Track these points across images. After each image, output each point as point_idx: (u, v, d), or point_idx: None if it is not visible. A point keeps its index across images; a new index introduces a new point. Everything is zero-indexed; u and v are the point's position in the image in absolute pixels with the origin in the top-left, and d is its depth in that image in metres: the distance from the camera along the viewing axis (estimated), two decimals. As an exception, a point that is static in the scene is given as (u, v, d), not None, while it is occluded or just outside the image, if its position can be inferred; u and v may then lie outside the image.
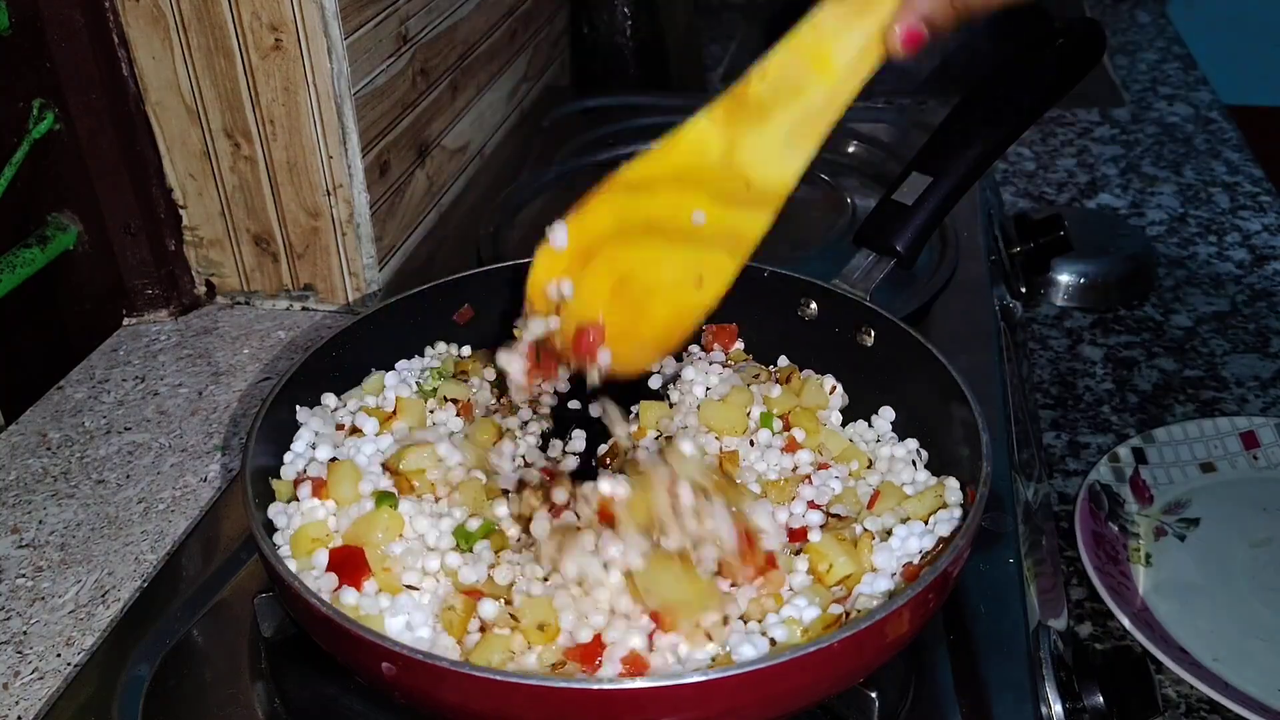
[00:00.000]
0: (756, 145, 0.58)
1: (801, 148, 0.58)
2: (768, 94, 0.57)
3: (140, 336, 0.96)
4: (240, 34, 0.86)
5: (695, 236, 0.60)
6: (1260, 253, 1.28)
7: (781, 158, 0.58)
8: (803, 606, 0.54)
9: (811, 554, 0.58)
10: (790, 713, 0.52)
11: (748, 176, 0.59)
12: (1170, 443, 0.98)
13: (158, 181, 0.94)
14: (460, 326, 0.77)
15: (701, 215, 0.59)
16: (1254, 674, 0.77)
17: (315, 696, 0.58)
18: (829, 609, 0.55)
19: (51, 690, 0.62)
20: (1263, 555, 0.87)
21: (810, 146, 0.58)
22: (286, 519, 0.60)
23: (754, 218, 0.59)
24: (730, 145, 0.58)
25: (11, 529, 0.74)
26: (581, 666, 0.51)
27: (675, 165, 0.60)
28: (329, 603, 0.51)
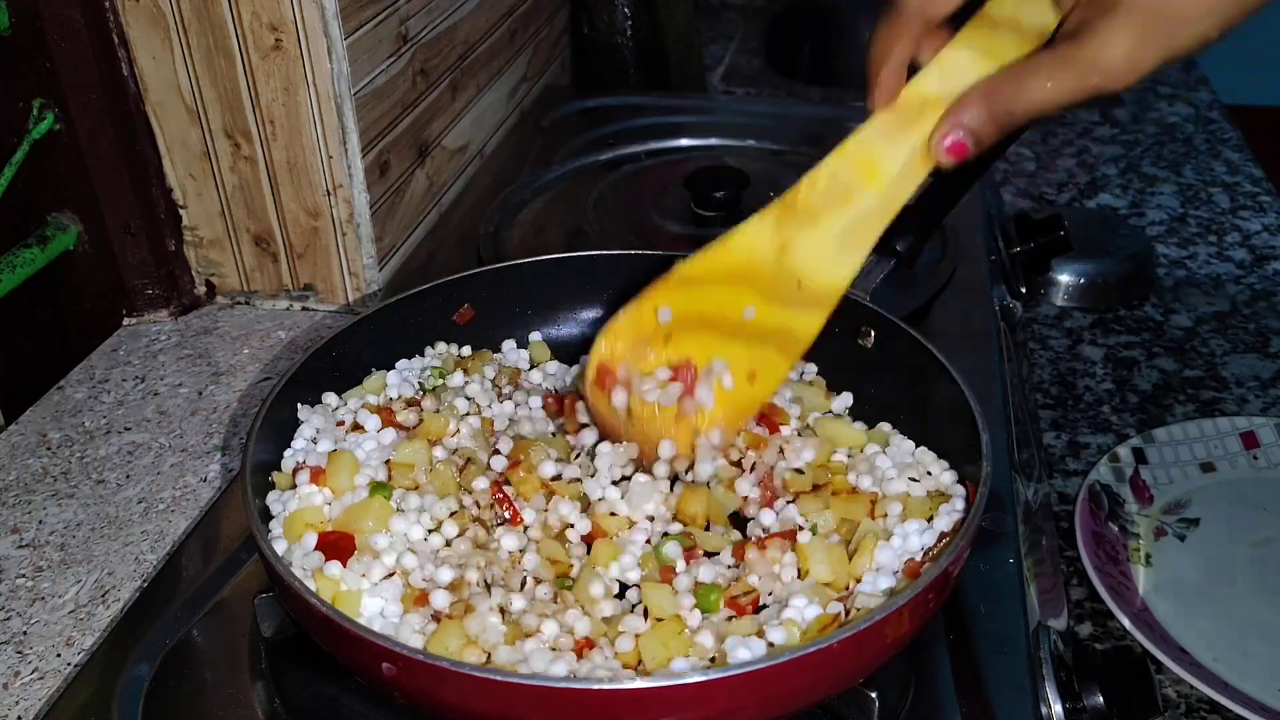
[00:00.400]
0: (808, 248, 0.60)
1: (854, 251, 0.59)
2: (818, 201, 0.59)
3: (140, 336, 0.96)
4: (240, 34, 0.86)
5: (747, 333, 0.61)
6: (1260, 253, 1.28)
7: (834, 260, 0.60)
8: (802, 606, 0.54)
9: (799, 554, 0.58)
10: (790, 713, 0.52)
11: (799, 277, 0.60)
12: (1170, 443, 0.98)
13: (158, 181, 0.94)
14: (460, 326, 0.77)
15: (752, 311, 0.61)
16: (1254, 674, 0.77)
17: (315, 696, 0.58)
18: (829, 607, 0.55)
19: (51, 690, 0.62)
20: (1263, 555, 0.87)
21: (862, 250, 0.59)
22: (282, 505, 0.60)
23: (806, 317, 0.61)
24: (782, 247, 0.60)
25: (11, 529, 0.74)
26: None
27: (728, 264, 0.62)
28: (329, 603, 0.51)
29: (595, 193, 1.10)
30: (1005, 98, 0.54)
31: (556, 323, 0.80)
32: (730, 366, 0.62)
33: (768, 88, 1.68)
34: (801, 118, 1.32)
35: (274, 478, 0.63)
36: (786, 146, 1.19)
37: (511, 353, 0.78)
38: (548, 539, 0.60)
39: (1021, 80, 0.53)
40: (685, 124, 1.25)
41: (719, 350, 0.62)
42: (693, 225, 1.02)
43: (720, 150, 1.20)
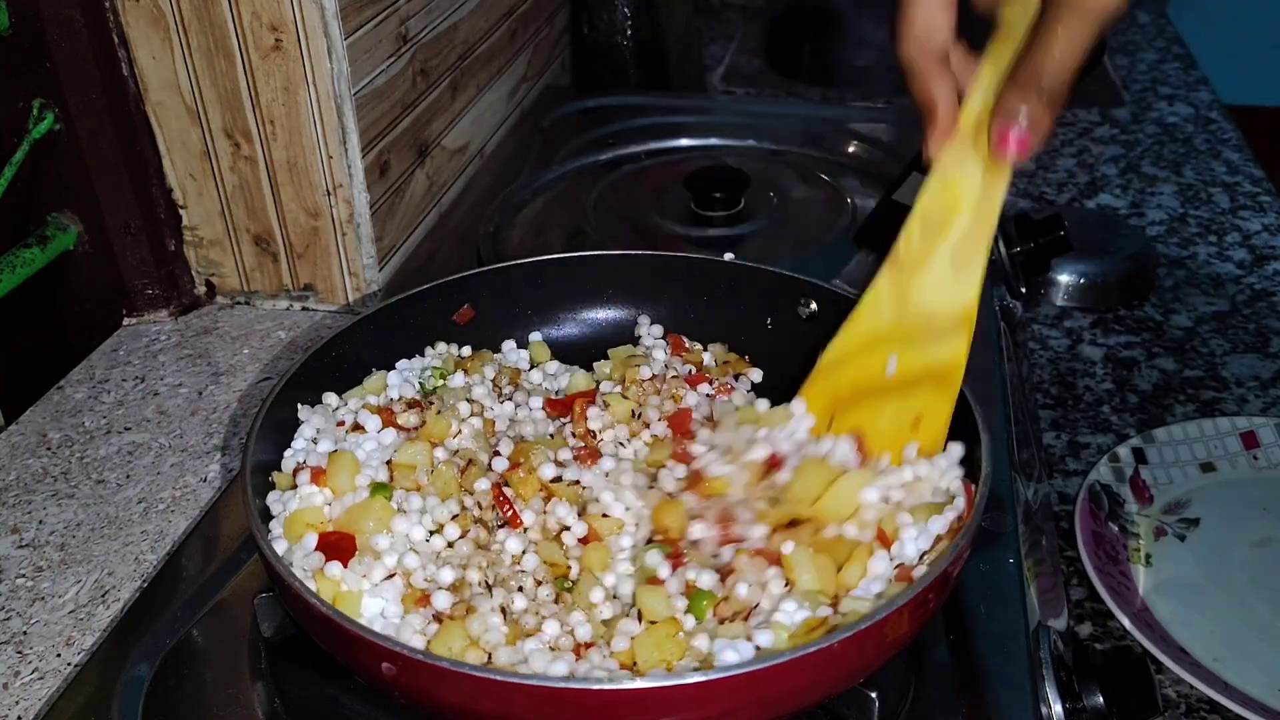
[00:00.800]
0: (924, 287, 0.60)
1: (966, 269, 0.59)
2: (918, 245, 0.60)
3: (140, 336, 0.96)
4: (240, 34, 0.86)
5: (896, 385, 0.62)
6: (1260, 253, 1.28)
7: (952, 286, 0.60)
8: (791, 610, 0.54)
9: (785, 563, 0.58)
10: (791, 713, 0.52)
11: (927, 315, 0.60)
12: (1170, 443, 0.98)
13: (158, 181, 0.94)
14: (460, 326, 0.77)
15: (894, 362, 0.61)
16: (1254, 674, 0.76)
17: (315, 696, 0.58)
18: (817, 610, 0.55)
19: (51, 690, 0.62)
20: (1263, 555, 0.87)
21: (975, 266, 0.59)
22: (282, 506, 0.60)
23: (947, 346, 0.60)
24: (901, 298, 0.61)
25: (11, 529, 0.74)
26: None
27: (859, 339, 0.62)
28: (329, 603, 0.51)
29: (595, 193, 1.10)
30: (1038, 78, 0.53)
31: (557, 323, 0.80)
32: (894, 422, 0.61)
33: (768, 88, 1.68)
34: (801, 118, 1.32)
35: (274, 478, 0.63)
36: (786, 146, 1.19)
37: (511, 353, 0.78)
38: (546, 541, 0.60)
39: (1040, 53, 0.53)
40: (685, 124, 1.25)
41: (878, 412, 0.62)
42: (693, 225, 1.02)
43: (720, 150, 1.20)
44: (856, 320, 0.62)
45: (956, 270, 0.59)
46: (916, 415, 0.61)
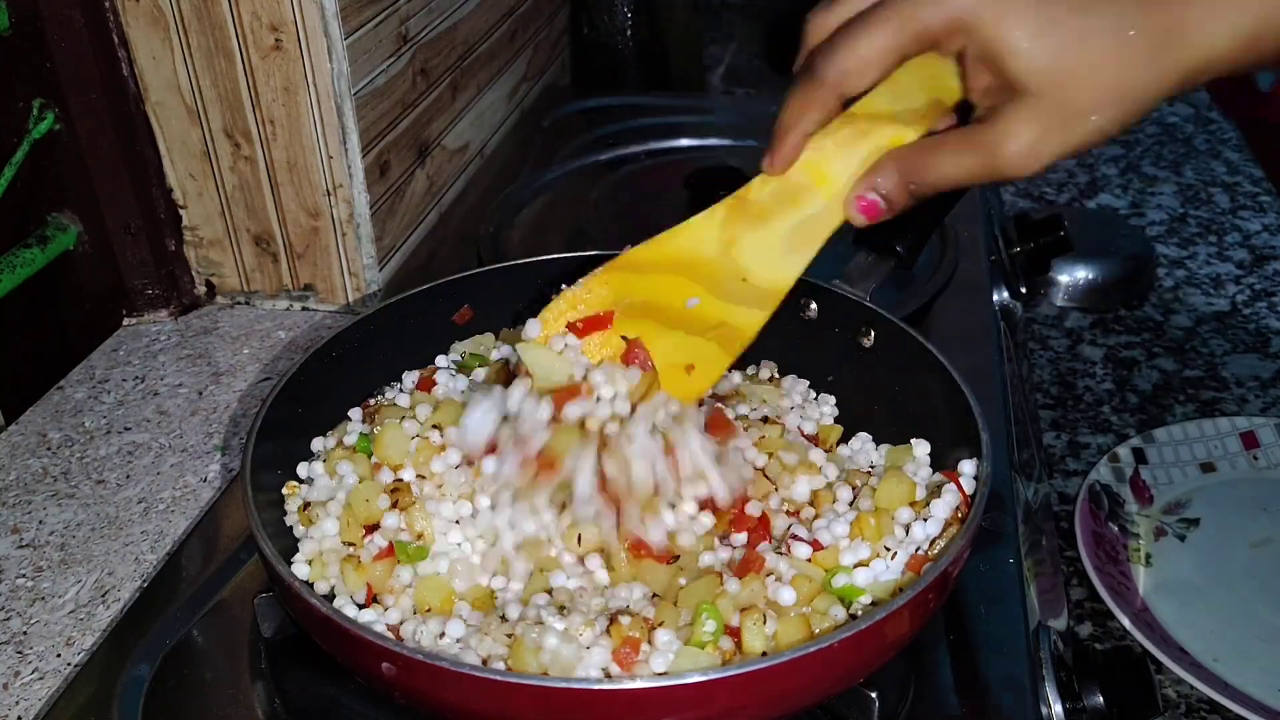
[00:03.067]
0: (755, 245, 0.60)
1: (799, 253, 0.60)
2: (768, 200, 0.60)
3: (140, 336, 0.96)
4: (240, 34, 0.86)
5: (689, 323, 0.61)
6: (1260, 253, 1.28)
7: (780, 260, 0.60)
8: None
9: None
10: (790, 712, 0.52)
11: (745, 272, 0.61)
12: (1170, 443, 0.98)
13: (158, 181, 0.94)
14: (460, 327, 0.77)
15: (696, 301, 0.61)
16: (1254, 674, 0.76)
17: (315, 696, 0.58)
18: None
19: (52, 690, 0.62)
20: (1263, 555, 0.87)
21: (808, 252, 0.60)
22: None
23: (748, 313, 0.61)
24: (730, 242, 0.61)
25: (11, 529, 0.74)
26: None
27: (674, 253, 0.61)
28: (328, 603, 0.51)
29: (595, 193, 1.10)
30: (916, 168, 0.56)
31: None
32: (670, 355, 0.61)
33: (768, 88, 1.67)
34: (801, 118, 1.32)
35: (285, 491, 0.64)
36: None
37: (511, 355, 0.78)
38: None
39: (932, 154, 0.56)
40: (685, 124, 1.25)
41: (659, 337, 0.61)
42: (693, 225, 1.02)
43: (720, 150, 1.20)
44: (679, 235, 0.61)
45: (789, 248, 0.60)
46: (693, 362, 0.61)
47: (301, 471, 0.65)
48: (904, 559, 0.57)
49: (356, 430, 0.67)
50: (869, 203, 0.58)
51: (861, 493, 0.62)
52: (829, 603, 0.55)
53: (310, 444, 0.68)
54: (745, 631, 0.53)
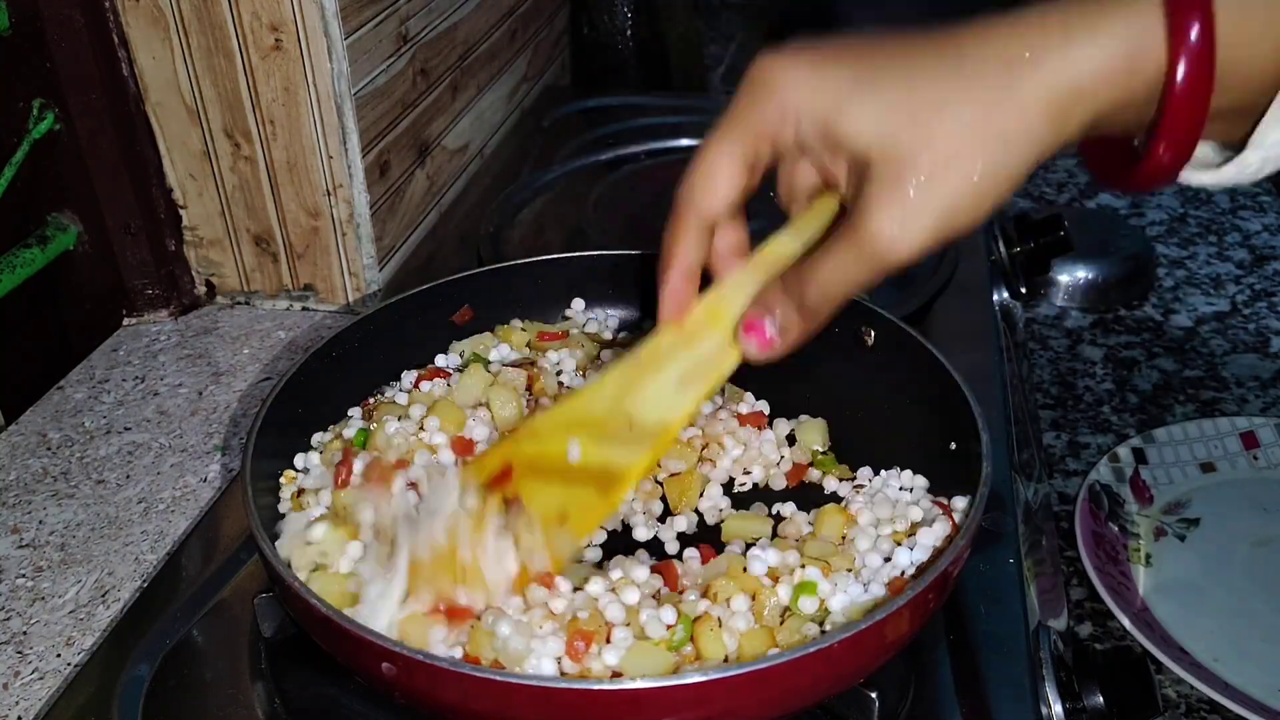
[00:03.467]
0: (647, 390, 0.58)
1: (689, 390, 0.57)
2: (664, 349, 0.57)
3: (140, 336, 0.96)
4: (240, 34, 0.86)
5: (568, 473, 0.59)
6: (1260, 253, 1.28)
7: (669, 400, 0.57)
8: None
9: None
10: (790, 713, 0.52)
11: (631, 417, 0.58)
12: (1170, 443, 0.98)
13: (158, 181, 0.94)
14: (460, 327, 0.77)
15: (576, 449, 0.59)
16: (1254, 674, 0.77)
17: (315, 697, 0.58)
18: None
19: (52, 690, 0.62)
20: (1263, 555, 0.88)
21: (698, 390, 0.57)
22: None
23: (630, 454, 0.58)
24: (621, 393, 0.58)
25: (11, 529, 0.74)
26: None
27: (569, 414, 0.60)
28: (328, 603, 0.51)
29: (596, 193, 1.10)
30: (802, 284, 0.51)
31: (556, 323, 0.80)
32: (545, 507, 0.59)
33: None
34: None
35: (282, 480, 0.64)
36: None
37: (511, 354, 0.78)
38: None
39: (812, 265, 0.51)
40: (686, 124, 1.25)
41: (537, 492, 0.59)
42: (693, 225, 1.02)
43: (720, 150, 1.20)
44: (573, 399, 0.60)
45: (680, 387, 0.57)
46: (567, 511, 0.58)
47: (299, 463, 0.66)
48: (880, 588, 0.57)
49: (356, 425, 0.67)
50: (759, 327, 0.53)
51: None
52: (801, 619, 0.55)
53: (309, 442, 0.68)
54: (700, 638, 0.53)
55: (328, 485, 0.63)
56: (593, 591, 0.56)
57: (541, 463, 0.59)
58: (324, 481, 0.63)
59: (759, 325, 0.53)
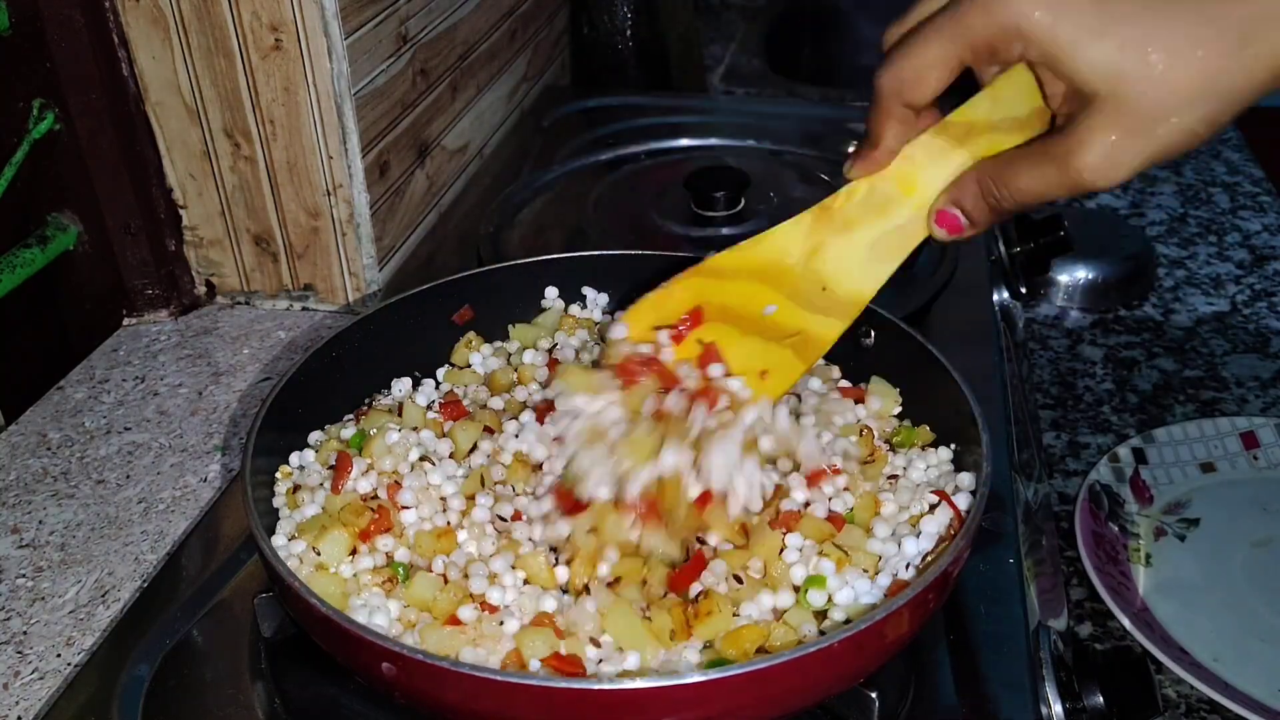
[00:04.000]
0: (839, 254, 0.59)
1: (883, 262, 0.59)
2: (855, 209, 0.58)
3: (140, 337, 0.96)
4: (240, 34, 0.86)
5: (766, 329, 0.61)
6: (1260, 253, 1.28)
7: (862, 270, 0.59)
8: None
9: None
10: (790, 712, 0.52)
11: (826, 281, 0.60)
12: (1170, 443, 0.98)
13: (158, 181, 0.94)
14: (459, 327, 0.77)
15: (773, 309, 0.61)
16: (1255, 674, 0.76)
17: (315, 697, 0.58)
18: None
19: (52, 690, 0.62)
20: (1263, 555, 0.87)
21: (892, 263, 0.59)
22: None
23: (826, 323, 0.60)
24: (813, 250, 0.60)
25: (11, 529, 0.74)
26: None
27: (757, 260, 0.61)
28: (328, 603, 0.51)
29: (595, 193, 1.10)
30: (997, 184, 0.53)
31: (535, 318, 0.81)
32: (746, 360, 0.61)
33: (768, 88, 1.68)
34: (801, 118, 1.32)
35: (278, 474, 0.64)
36: (786, 147, 1.19)
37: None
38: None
39: (1011, 169, 0.53)
40: (685, 124, 1.25)
41: (735, 342, 0.61)
42: (693, 225, 1.02)
43: (720, 150, 1.20)
44: (763, 243, 0.61)
45: (872, 258, 0.59)
46: (767, 368, 0.61)
47: (294, 460, 0.66)
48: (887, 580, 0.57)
49: (353, 427, 0.67)
50: (951, 218, 0.55)
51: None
52: (802, 617, 0.55)
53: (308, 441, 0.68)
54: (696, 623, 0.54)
55: (323, 484, 0.63)
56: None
57: (733, 312, 0.61)
58: (319, 480, 0.64)
59: (951, 216, 0.55)
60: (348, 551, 0.59)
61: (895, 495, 0.62)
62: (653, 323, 0.62)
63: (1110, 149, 0.48)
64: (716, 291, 0.62)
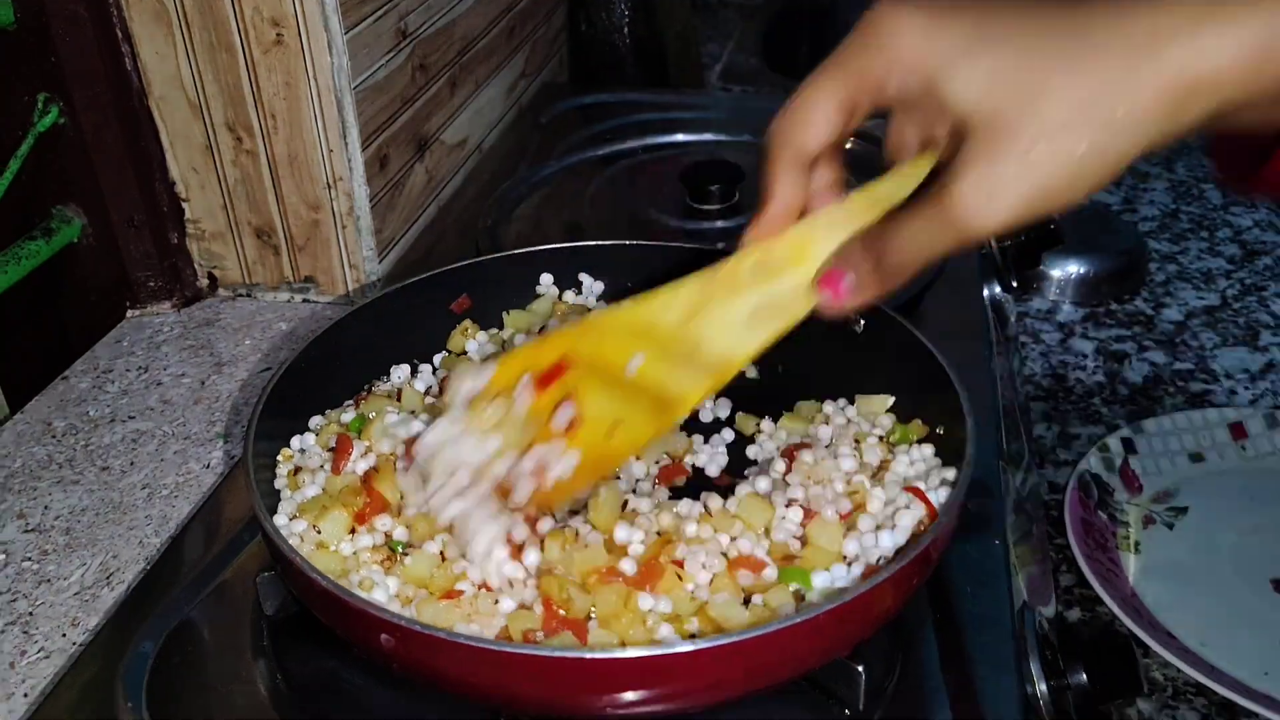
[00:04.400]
0: (718, 317, 0.57)
1: (759, 330, 0.56)
2: (742, 275, 0.56)
3: (144, 328, 0.97)
4: (242, 29, 0.88)
5: (625, 385, 0.59)
6: (1251, 248, 1.29)
7: (737, 335, 0.57)
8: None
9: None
10: (777, 683, 0.53)
11: (700, 341, 0.57)
12: (1160, 433, 0.99)
13: (161, 175, 0.96)
14: (458, 316, 0.79)
15: (638, 361, 0.59)
16: (1240, 658, 0.78)
17: (316, 672, 0.59)
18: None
19: (57, 668, 0.63)
20: (1250, 543, 0.89)
21: (768, 331, 0.56)
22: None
23: (690, 381, 0.57)
24: (693, 312, 0.58)
25: (17, 514, 0.75)
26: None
27: (635, 319, 0.59)
28: (329, 577, 0.52)
29: (592, 187, 1.11)
30: (881, 247, 0.50)
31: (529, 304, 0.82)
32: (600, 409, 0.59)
33: (765, 86, 1.69)
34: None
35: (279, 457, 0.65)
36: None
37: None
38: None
39: (894, 227, 0.50)
40: (682, 120, 1.26)
41: (594, 391, 0.59)
42: (688, 219, 1.03)
43: (716, 146, 1.21)
44: (645, 301, 0.59)
45: (750, 325, 0.56)
46: (616, 424, 0.58)
47: (295, 444, 0.67)
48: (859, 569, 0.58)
49: (353, 411, 0.69)
50: (834, 282, 0.52)
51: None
52: (782, 598, 0.56)
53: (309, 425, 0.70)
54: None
55: (323, 466, 0.65)
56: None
57: (599, 365, 0.59)
58: (319, 462, 0.65)
59: (836, 280, 0.52)
60: (347, 530, 0.60)
61: (884, 490, 0.63)
62: (523, 370, 0.61)
63: (985, 183, 0.44)
64: (588, 344, 0.60)
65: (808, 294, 0.54)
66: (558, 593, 0.55)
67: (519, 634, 0.53)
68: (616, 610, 0.54)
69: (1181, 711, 0.75)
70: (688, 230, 1.02)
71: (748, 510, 0.60)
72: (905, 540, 0.58)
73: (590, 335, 0.60)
